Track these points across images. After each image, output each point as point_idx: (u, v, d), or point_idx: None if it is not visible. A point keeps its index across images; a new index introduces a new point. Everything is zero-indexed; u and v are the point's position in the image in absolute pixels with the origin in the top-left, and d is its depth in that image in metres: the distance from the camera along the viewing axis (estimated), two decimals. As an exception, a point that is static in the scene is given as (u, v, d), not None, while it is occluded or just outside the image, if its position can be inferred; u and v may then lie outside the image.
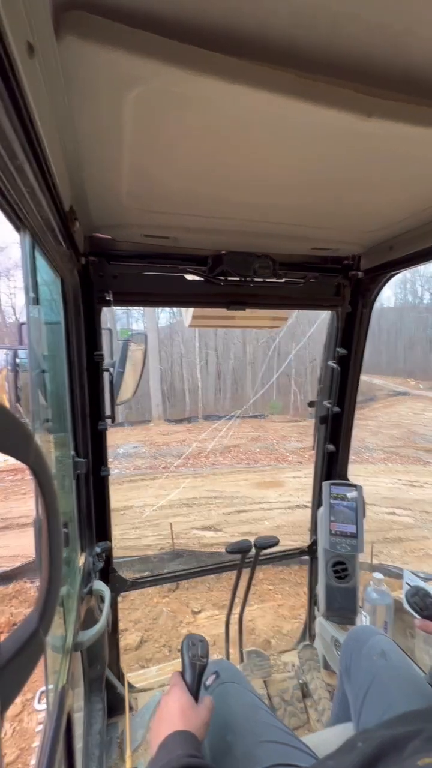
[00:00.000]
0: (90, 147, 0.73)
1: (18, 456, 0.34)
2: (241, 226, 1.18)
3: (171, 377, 21.95)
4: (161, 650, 3.60)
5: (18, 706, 2.78)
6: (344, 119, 0.63)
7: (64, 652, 1.08)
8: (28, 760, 2.44)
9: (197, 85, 0.56)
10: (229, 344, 23.34)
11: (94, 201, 0.99)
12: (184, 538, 6.44)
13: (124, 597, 4.20)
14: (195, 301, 1.53)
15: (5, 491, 9.18)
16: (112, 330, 1.61)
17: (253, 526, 6.95)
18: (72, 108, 0.61)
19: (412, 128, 0.66)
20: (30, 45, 0.42)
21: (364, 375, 1.81)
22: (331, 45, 0.55)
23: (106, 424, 1.48)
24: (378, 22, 0.51)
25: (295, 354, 19.96)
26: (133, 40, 0.50)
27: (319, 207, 1.06)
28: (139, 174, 0.85)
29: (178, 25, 0.50)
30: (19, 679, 0.34)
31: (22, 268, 0.81)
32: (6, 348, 1.13)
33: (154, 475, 10.32)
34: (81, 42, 0.48)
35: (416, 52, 0.56)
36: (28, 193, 0.59)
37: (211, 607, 4.27)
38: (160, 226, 1.16)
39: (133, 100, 0.59)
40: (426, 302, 32.78)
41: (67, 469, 1.32)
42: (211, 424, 15.68)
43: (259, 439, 14.32)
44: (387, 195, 0.98)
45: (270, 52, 0.55)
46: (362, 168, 0.83)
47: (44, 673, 0.91)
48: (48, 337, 1.15)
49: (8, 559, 5.65)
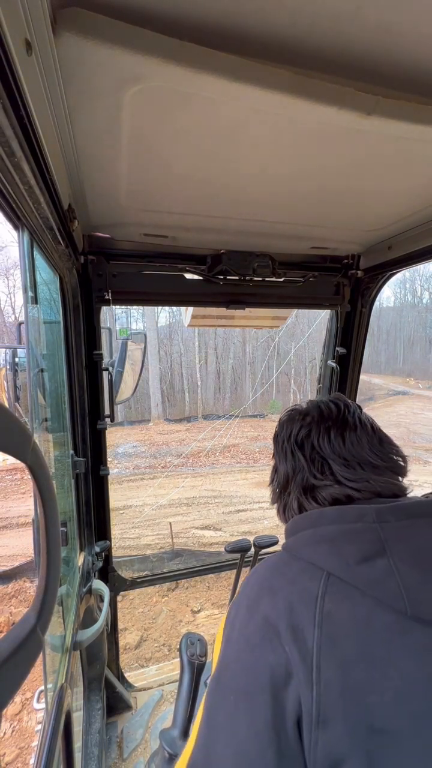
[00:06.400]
0: (88, 145, 0.73)
1: (17, 455, 0.34)
2: (240, 225, 1.17)
3: (170, 377, 21.96)
4: (161, 649, 3.61)
5: (17, 705, 2.79)
6: (344, 117, 0.63)
7: (63, 651, 1.08)
8: (27, 759, 2.44)
9: (197, 83, 0.56)
10: (229, 344, 23.36)
11: (93, 199, 0.99)
12: (183, 537, 6.44)
13: (123, 596, 4.21)
14: (194, 300, 1.53)
15: (4, 491, 9.17)
16: (111, 329, 1.61)
17: (252, 526, 6.96)
18: (70, 106, 0.61)
19: (412, 126, 0.66)
20: (28, 42, 0.41)
21: (363, 374, 1.81)
22: (331, 43, 0.55)
23: (105, 423, 1.48)
24: (378, 21, 0.51)
25: (294, 353, 19.99)
26: (132, 37, 0.49)
27: (318, 206, 1.05)
28: (138, 172, 0.85)
29: (177, 23, 0.50)
30: (17, 677, 0.34)
31: (20, 266, 0.81)
32: (5, 347, 1.13)
33: (153, 475, 10.32)
34: (79, 39, 0.48)
35: (416, 50, 0.56)
36: (27, 191, 0.59)
37: (211, 606, 4.28)
38: (159, 224, 1.16)
39: (131, 97, 0.59)
40: (425, 302, 32.83)
41: (66, 469, 1.32)
42: (211, 424, 15.69)
43: (259, 439, 14.32)
44: (386, 194, 0.98)
45: (270, 50, 0.55)
46: (362, 166, 0.83)
47: (43, 672, 0.91)
48: (47, 336, 1.15)
49: (7, 559, 5.65)
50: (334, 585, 0.53)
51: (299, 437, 0.73)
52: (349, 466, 0.67)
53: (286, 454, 0.74)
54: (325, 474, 0.68)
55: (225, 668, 0.55)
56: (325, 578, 0.54)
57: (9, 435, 0.33)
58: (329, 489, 0.66)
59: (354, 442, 0.69)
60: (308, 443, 0.71)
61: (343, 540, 0.56)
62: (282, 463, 0.75)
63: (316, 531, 0.60)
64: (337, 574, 0.54)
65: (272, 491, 0.82)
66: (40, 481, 0.39)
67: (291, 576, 0.57)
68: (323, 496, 0.67)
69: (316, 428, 0.72)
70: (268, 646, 0.51)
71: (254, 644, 0.53)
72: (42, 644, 0.39)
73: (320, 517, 0.62)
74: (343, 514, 0.60)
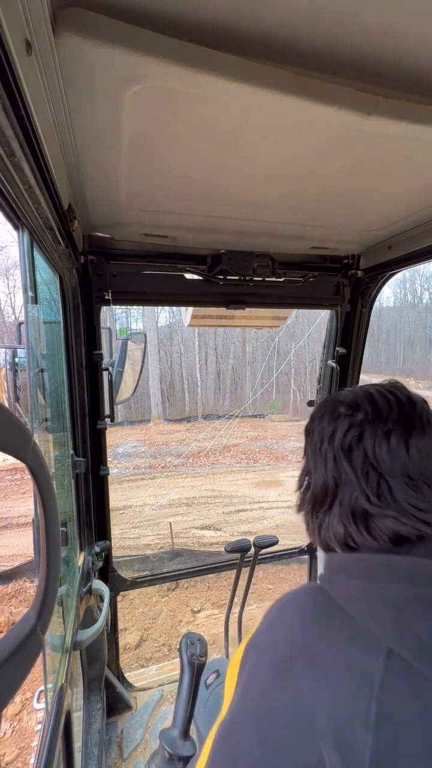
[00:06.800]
0: (88, 145, 0.73)
1: (17, 455, 0.34)
2: (240, 225, 1.17)
3: (170, 377, 21.96)
4: (161, 649, 3.61)
5: (17, 705, 2.79)
6: (344, 117, 0.63)
7: (63, 651, 1.08)
8: (27, 759, 2.44)
9: (197, 83, 0.56)
10: (229, 344, 23.36)
11: (93, 199, 0.99)
12: (183, 537, 6.44)
13: (123, 596, 4.21)
14: (194, 300, 1.53)
15: (4, 491, 9.17)
16: (111, 329, 1.61)
17: (252, 526, 6.96)
18: (70, 106, 0.61)
19: (412, 126, 0.66)
20: (28, 42, 0.41)
21: (363, 374, 1.81)
22: (331, 43, 0.55)
23: (105, 423, 1.48)
24: (378, 21, 0.51)
25: (294, 353, 19.99)
26: (132, 37, 0.49)
27: (318, 206, 1.05)
28: (138, 172, 0.85)
29: (177, 23, 0.50)
30: (17, 677, 0.34)
31: (20, 266, 0.81)
32: (5, 347, 1.13)
33: (153, 475, 10.32)
34: (79, 39, 0.48)
35: (416, 50, 0.56)
36: (27, 191, 0.59)
37: (211, 606, 4.28)
38: (159, 224, 1.16)
39: (131, 97, 0.59)
40: (425, 302, 32.82)
41: (66, 469, 1.32)
42: (211, 424, 15.69)
43: (259, 439, 14.32)
44: (386, 193, 0.98)
45: (270, 50, 0.55)
46: (362, 166, 0.83)
47: (43, 672, 0.91)
48: (47, 336, 1.15)
49: (7, 559, 5.66)
50: (399, 670, 0.38)
51: (347, 441, 0.54)
52: (415, 487, 0.50)
53: (326, 459, 0.56)
54: (382, 497, 0.50)
55: (237, 732, 0.43)
56: (385, 656, 0.39)
57: (9, 435, 0.33)
58: (389, 520, 0.49)
59: (421, 451, 0.51)
60: (359, 451, 0.53)
61: (416, 609, 0.41)
62: (319, 469, 0.58)
63: (374, 587, 0.44)
64: (404, 656, 0.38)
65: (301, 499, 0.64)
66: (40, 481, 0.39)
67: (335, 639, 0.42)
68: (381, 530, 0.50)
69: (371, 430, 0.53)
70: (296, 737, 0.38)
71: (278, 724, 0.40)
72: (42, 644, 0.39)
73: (383, 568, 0.46)
74: (420, 569, 0.44)
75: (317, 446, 0.58)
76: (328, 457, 0.56)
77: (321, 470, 0.57)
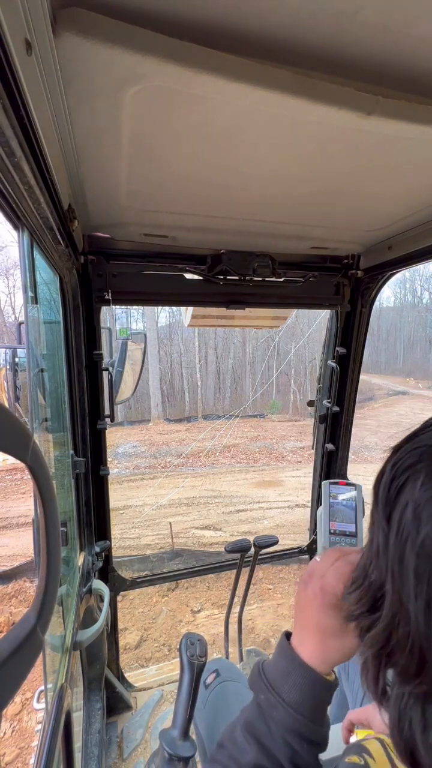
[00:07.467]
0: (88, 145, 0.73)
1: (17, 455, 0.34)
2: (240, 225, 1.17)
3: (170, 377, 21.97)
4: (161, 649, 3.61)
5: (17, 705, 2.79)
6: (344, 117, 0.63)
7: (63, 651, 1.08)
8: (27, 759, 2.44)
9: (196, 83, 0.56)
10: (229, 344, 23.37)
11: (93, 199, 0.99)
12: (183, 537, 6.44)
13: (123, 596, 4.21)
14: (194, 300, 1.53)
15: (4, 491, 9.17)
16: (111, 329, 1.61)
17: (252, 526, 6.96)
18: (70, 105, 0.61)
19: (412, 126, 0.66)
20: (28, 42, 0.41)
21: (363, 374, 1.81)
22: (331, 43, 0.55)
23: (105, 423, 1.48)
24: (378, 21, 0.51)
25: (294, 353, 20.00)
26: (132, 37, 0.49)
27: (318, 205, 1.05)
28: (138, 172, 0.85)
29: (177, 23, 0.50)
30: (17, 677, 0.34)
31: (20, 266, 0.81)
32: (5, 347, 1.13)
33: (153, 475, 10.32)
34: (79, 39, 0.48)
35: (416, 50, 0.56)
36: (26, 191, 0.59)
37: (211, 606, 4.28)
38: (159, 224, 1.16)
39: (131, 97, 0.59)
40: (425, 302, 32.83)
41: (66, 469, 1.32)
42: (211, 424, 15.69)
43: (259, 439, 14.32)
44: (386, 193, 0.98)
45: (270, 50, 0.55)
46: (362, 166, 0.83)
47: (43, 672, 0.91)
48: (47, 336, 1.15)
49: (7, 559, 5.65)
50: None
51: None
52: None
53: (405, 573, 0.32)
54: None
55: None
56: None
57: (9, 435, 0.33)
58: None
59: None
60: None
61: None
62: (392, 583, 0.34)
63: None
64: None
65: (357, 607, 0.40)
66: (40, 481, 0.39)
67: None
68: None
69: None
70: None
71: None
72: (42, 644, 0.39)
73: None
74: None
75: (401, 543, 0.32)
76: (409, 572, 0.31)
77: (396, 585, 0.32)
